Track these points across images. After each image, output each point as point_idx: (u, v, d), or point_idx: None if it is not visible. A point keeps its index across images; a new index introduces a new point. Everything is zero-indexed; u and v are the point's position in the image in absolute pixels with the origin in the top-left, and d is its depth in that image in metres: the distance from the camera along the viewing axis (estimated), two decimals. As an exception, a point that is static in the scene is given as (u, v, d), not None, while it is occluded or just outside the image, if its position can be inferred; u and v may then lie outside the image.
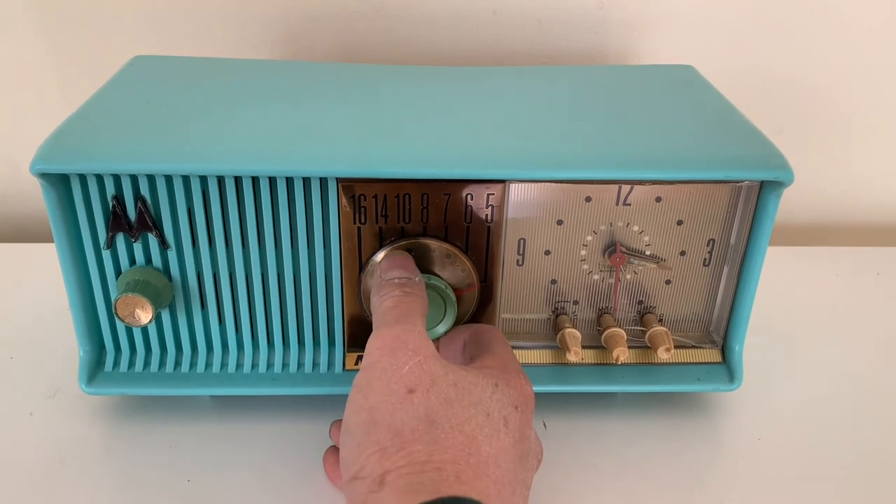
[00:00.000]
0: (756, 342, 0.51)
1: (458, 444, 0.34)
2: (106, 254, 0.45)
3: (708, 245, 0.48)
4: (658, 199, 0.46)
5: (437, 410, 0.34)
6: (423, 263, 0.45)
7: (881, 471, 0.47)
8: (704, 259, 0.48)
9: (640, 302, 0.50)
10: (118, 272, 0.45)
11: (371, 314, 0.40)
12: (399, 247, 0.45)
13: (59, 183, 0.42)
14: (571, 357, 0.47)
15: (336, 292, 0.46)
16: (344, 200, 0.43)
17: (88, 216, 0.43)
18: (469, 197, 0.44)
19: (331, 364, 0.48)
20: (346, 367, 0.48)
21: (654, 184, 0.45)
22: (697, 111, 0.50)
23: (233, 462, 0.46)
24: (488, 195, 0.44)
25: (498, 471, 0.34)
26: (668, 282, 0.49)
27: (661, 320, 0.50)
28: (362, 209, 0.44)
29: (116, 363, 0.48)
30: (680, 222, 0.47)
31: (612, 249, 0.47)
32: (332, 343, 0.48)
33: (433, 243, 0.45)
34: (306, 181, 0.43)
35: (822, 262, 0.68)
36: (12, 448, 0.46)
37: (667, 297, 0.49)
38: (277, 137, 0.43)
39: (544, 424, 0.49)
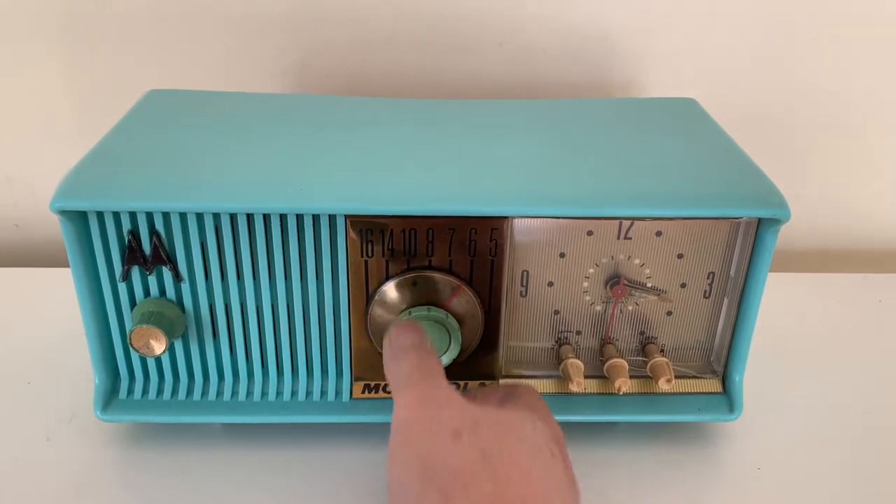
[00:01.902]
0: (757, 370, 0.52)
1: (520, 479, 0.33)
2: (121, 286, 0.46)
3: (708, 278, 0.49)
4: (658, 234, 0.47)
5: (489, 447, 0.34)
6: (428, 296, 0.47)
7: (882, 502, 0.47)
8: (705, 291, 0.49)
9: (642, 332, 0.51)
10: (133, 303, 0.47)
11: (389, 383, 0.40)
12: (405, 279, 0.46)
13: (77, 218, 0.43)
14: (574, 387, 0.48)
15: (344, 323, 0.48)
16: (352, 235, 0.45)
17: (105, 250, 0.45)
18: (473, 231, 0.45)
19: (338, 392, 0.50)
20: (353, 396, 0.50)
21: (653, 220, 0.46)
22: (697, 147, 0.51)
23: (242, 489, 0.47)
24: (492, 230, 0.45)
25: (562, 501, 0.34)
26: (669, 313, 0.50)
27: (662, 350, 0.51)
28: (369, 243, 0.45)
29: (131, 391, 0.49)
30: (680, 255, 0.48)
31: (616, 281, 0.48)
32: (339, 372, 0.50)
33: (437, 276, 0.46)
34: (316, 217, 0.44)
35: (824, 289, 0.69)
36: (29, 473, 0.47)
37: (668, 327, 0.50)
38: (287, 174, 0.45)
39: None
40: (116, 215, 0.44)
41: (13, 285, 0.67)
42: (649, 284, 0.49)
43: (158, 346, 0.45)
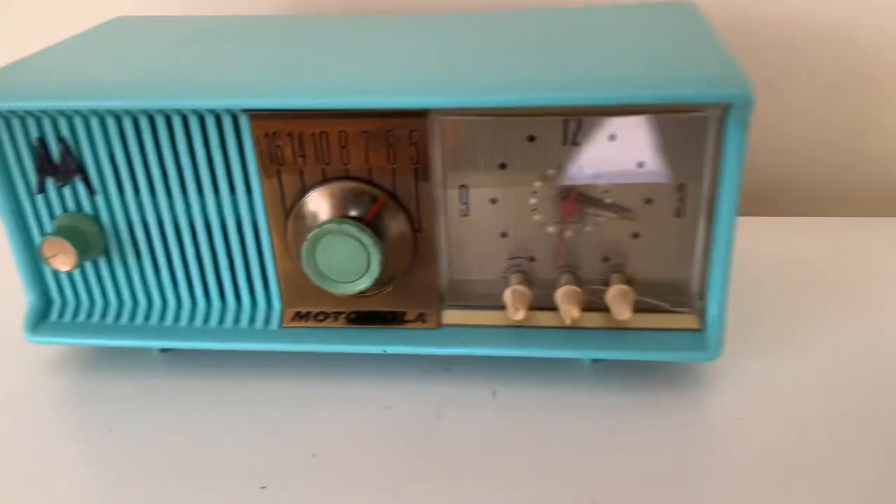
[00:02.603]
0: (743, 310, 0.44)
1: None
2: (39, 199, 0.44)
3: (678, 191, 0.41)
4: (612, 138, 0.40)
5: None
6: (346, 209, 0.42)
7: (875, 457, 0.39)
8: (676, 209, 0.42)
9: (606, 259, 0.44)
10: (53, 219, 0.45)
11: None
12: (322, 192, 0.42)
13: (-15, 125, 0.42)
14: (514, 316, 0.43)
15: (265, 242, 0.44)
16: (259, 140, 0.41)
17: (17, 160, 0.43)
18: (390, 135, 0.40)
19: (268, 320, 0.46)
20: (284, 324, 0.46)
21: (598, 114, 0.39)
22: (668, 42, 0.44)
23: (175, 415, 0.44)
24: (411, 132, 0.40)
25: None
26: (635, 235, 0.43)
27: (630, 281, 0.44)
28: (277, 149, 0.41)
29: (62, 314, 0.48)
30: (641, 164, 0.41)
31: (565, 195, 0.42)
32: (268, 299, 0.46)
33: (355, 186, 0.42)
34: (219, 119, 0.41)
35: (833, 232, 0.59)
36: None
37: (636, 253, 0.43)
38: (190, 76, 0.42)
39: (494, 392, 0.45)
40: (23, 121, 0.42)
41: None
42: (607, 200, 0.42)
43: (67, 261, 0.43)
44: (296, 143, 0.41)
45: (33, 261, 0.46)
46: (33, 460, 0.41)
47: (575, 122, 0.40)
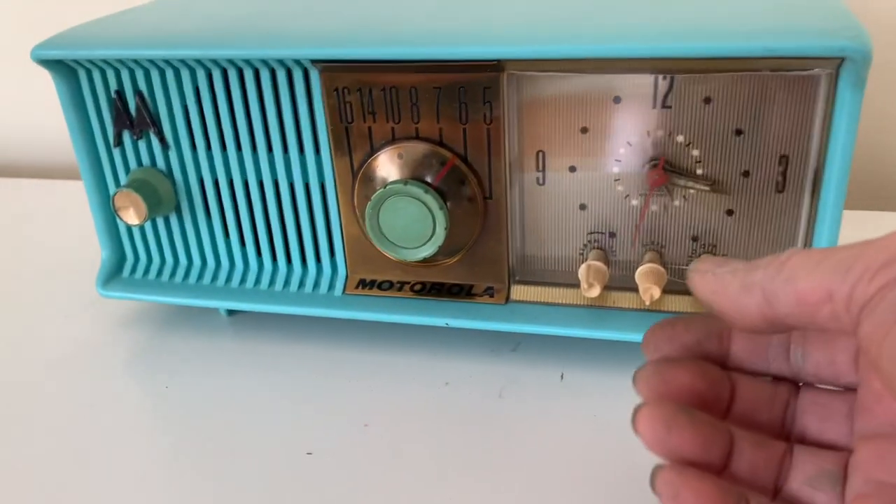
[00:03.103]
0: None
1: None
2: (116, 153, 0.45)
3: (780, 164, 0.37)
4: (707, 101, 0.36)
5: None
6: (414, 171, 0.40)
7: None
8: (777, 183, 0.38)
9: (695, 238, 0.40)
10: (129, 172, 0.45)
11: None
12: (392, 151, 0.40)
13: (68, 75, 0.43)
14: (588, 292, 0.39)
15: (332, 204, 0.43)
16: (327, 93, 0.39)
17: (97, 113, 0.44)
18: (462, 91, 0.38)
19: (332, 286, 0.44)
20: (347, 291, 0.44)
21: (687, 70, 0.36)
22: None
23: (234, 377, 0.43)
24: (485, 89, 0.38)
25: None
26: (729, 212, 0.39)
27: (722, 263, 0.40)
28: (347, 104, 0.40)
29: (133, 270, 0.48)
30: (739, 132, 0.37)
31: (653, 164, 0.38)
32: (333, 264, 0.44)
33: (424, 147, 0.40)
34: (290, 73, 0.40)
35: None
36: (38, 345, 0.47)
37: (730, 232, 0.39)
38: (262, 26, 0.41)
39: (561, 375, 0.41)
40: (103, 73, 0.42)
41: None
42: (699, 171, 0.38)
43: (137, 214, 0.43)
44: (365, 98, 0.39)
45: (109, 216, 0.47)
46: (92, 412, 0.41)
47: (666, 82, 0.37)
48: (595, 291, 0.39)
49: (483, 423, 0.38)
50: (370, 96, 0.39)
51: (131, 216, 0.43)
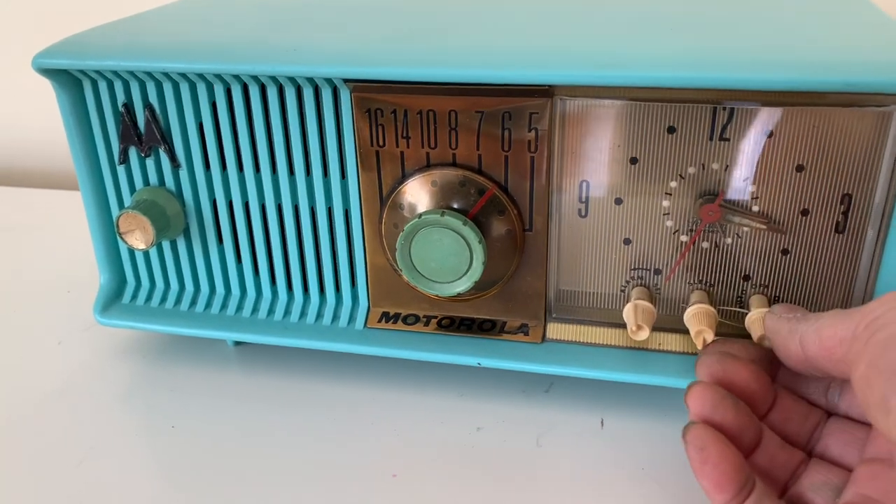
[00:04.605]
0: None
1: None
2: (121, 171, 0.41)
3: (842, 203, 0.35)
4: (769, 134, 0.34)
5: None
6: (450, 200, 0.37)
7: None
8: (837, 223, 0.35)
9: (747, 277, 0.38)
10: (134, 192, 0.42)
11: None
12: (423, 178, 0.37)
13: (71, 85, 0.39)
14: (635, 336, 0.37)
15: (357, 231, 0.40)
16: (359, 116, 0.37)
17: (101, 126, 0.40)
18: (507, 116, 0.35)
19: (352, 319, 0.41)
20: (369, 325, 0.41)
21: (749, 100, 0.33)
22: (843, 24, 0.37)
23: (242, 410, 0.40)
24: (531, 114, 0.35)
25: None
26: (784, 251, 0.37)
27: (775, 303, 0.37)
28: (380, 127, 0.37)
29: (134, 296, 0.44)
30: (800, 168, 0.35)
31: (709, 199, 0.36)
32: (355, 295, 0.41)
33: (462, 174, 0.37)
34: (318, 91, 0.37)
35: None
36: (30, 372, 0.44)
37: (784, 272, 0.37)
38: (289, 40, 0.38)
39: (602, 422, 0.39)
40: (110, 84, 0.39)
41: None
42: (755, 208, 0.36)
43: (144, 238, 0.40)
44: (399, 121, 0.36)
45: (110, 238, 0.43)
46: (91, 453, 0.38)
47: (726, 113, 0.34)
48: (644, 334, 0.36)
49: (521, 474, 0.36)
50: (405, 119, 0.36)
51: (137, 240, 0.40)
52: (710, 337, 0.36)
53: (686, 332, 0.38)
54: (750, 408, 0.32)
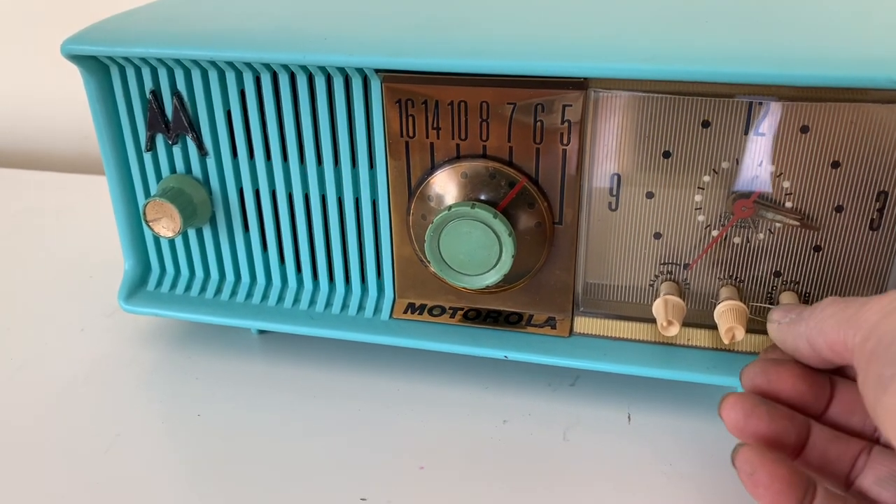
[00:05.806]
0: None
1: None
2: (147, 158, 0.41)
3: (878, 200, 0.35)
4: (804, 130, 0.34)
5: None
6: (479, 192, 0.37)
7: None
8: (872, 220, 0.35)
9: (778, 273, 0.37)
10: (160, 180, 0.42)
11: None
12: (453, 170, 0.37)
13: (99, 71, 0.39)
14: (665, 331, 0.36)
15: (384, 222, 0.39)
16: (389, 106, 0.36)
17: (129, 113, 0.40)
18: (539, 108, 0.35)
19: (377, 309, 0.41)
20: (394, 316, 0.41)
21: (786, 97, 0.33)
22: (877, 17, 0.37)
23: (264, 399, 0.40)
24: (564, 107, 0.35)
25: None
26: (817, 248, 0.36)
27: (805, 302, 0.37)
28: (410, 118, 0.36)
29: (159, 283, 0.44)
30: (836, 164, 0.34)
31: (740, 194, 0.35)
32: (381, 286, 0.41)
33: (492, 166, 0.36)
34: (348, 81, 0.37)
35: None
36: (53, 358, 0.44)
37: (816, 269, 0.37)
38: (319, 29, 0.37)
39: (629, 417, 0.38)
40: (138, 71, 0.39)
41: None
42: (788, 204, 0.35)
43: (171, 226, 0.39)
44: (430, 112, 0.36)
45: (135, 224, 0.43)
46: (118, 440, 0.38)
47: (762, 108, 0.34)
48: (674, 330, 0.36)
49: (548, 468, 0.35)
50: (436, 110, 0.36)
51: (164, 228, 0.40)
52: (740, 334, 0.35)
53: (714, 327, 0.38)
54: (804, 407, 0.32)
